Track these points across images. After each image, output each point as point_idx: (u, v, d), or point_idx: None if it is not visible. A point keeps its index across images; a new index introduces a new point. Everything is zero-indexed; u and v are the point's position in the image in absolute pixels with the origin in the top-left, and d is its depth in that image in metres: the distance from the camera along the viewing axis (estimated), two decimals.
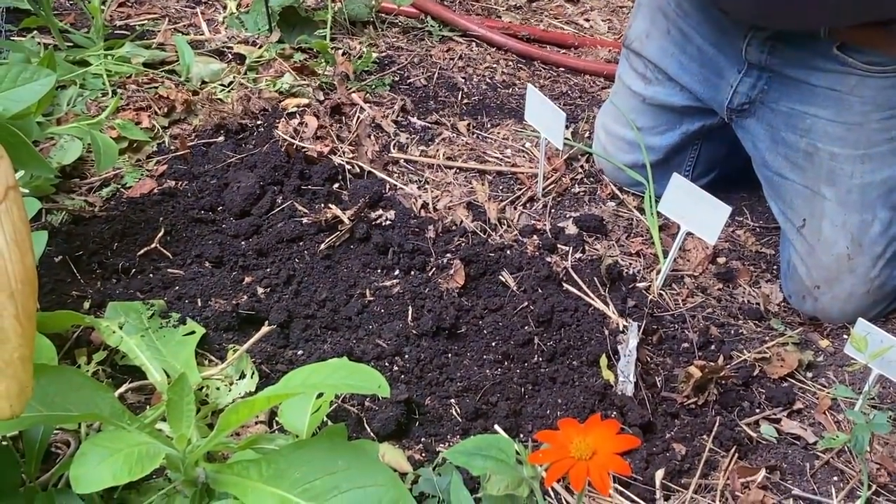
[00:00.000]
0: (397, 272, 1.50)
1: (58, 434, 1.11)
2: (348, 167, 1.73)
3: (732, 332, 1.50)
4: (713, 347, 1.45)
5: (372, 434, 1.21)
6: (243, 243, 1.52)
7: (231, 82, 1.98)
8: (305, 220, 1.56)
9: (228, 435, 1.07)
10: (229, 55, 2.09)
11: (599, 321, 1.42)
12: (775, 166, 1.57)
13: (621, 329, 1.40)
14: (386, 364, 1.32)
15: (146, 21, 2.22)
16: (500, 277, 1.51)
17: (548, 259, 1.57)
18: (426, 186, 1.74)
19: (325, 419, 1.19)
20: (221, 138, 1.78)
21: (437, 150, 1.86)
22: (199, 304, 1.38)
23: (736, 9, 1.50)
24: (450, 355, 1.36)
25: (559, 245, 1.62)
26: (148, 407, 1.19)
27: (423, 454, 1.20)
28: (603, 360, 1.33)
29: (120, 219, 1.53)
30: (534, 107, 1.68)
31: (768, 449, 1.31)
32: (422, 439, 1.22)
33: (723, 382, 1.36)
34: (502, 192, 1.77)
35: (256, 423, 1.20)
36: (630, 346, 1.35)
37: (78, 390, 0.98)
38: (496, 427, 1.23)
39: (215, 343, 1.33)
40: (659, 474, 1.20)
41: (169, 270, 1.45)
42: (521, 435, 1.24)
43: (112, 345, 1.22)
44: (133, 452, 0.91)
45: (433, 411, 1.26)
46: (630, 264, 1.62)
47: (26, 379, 0.80)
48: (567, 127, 1.89)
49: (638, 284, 1.55)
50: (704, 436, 1.29)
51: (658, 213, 1.60)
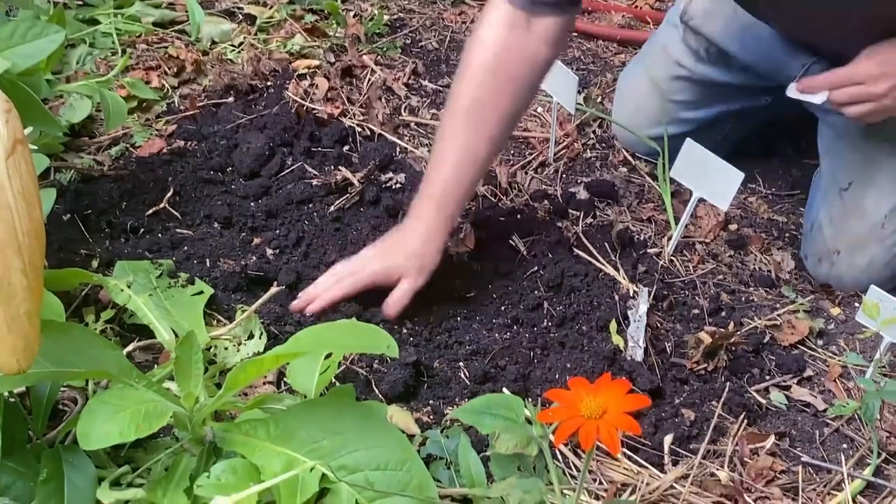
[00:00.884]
0: None
1: (65, 391, 1.11)
2: (359, 129, 1.72)
3: (743, 299, 1.49)
4: (724, 314, 1.44)
5: (380, 396, 1.21)
6: (252, 204, 1.51)
7: (241, 43, 1.96)
8: (315, 182, 1.55)
9: (236, 394, 1.07)
10: (240, 16, 2.07)
11: (610, 286, 1.41)
12: (840, 124, 1.53)
13: (631, 294, 1.39)
14: (395, 326, 1.31)
15: None
16: (511, 242, 1.50)
17: (558, 224, 1.56)
18: None
19: (334, 380, 1.19)
20: (231, 99, 1.76)
21: None
22: (208, 265, 1.37)
23: (780, 28, 1.49)
24: (459, 318, 1.36)
25: (570, 210, 1.61)
26: (156, 366, 1.18)
27: (431, 416, 1.20)
28: (613, 326, 1.33)
29: (129, 178, 1.52)
30: None
31: (778, 416, 1.31)
32: (430, 402, 1.22)
33: (733, 349, 1.35)
34: (513, 157, 1.75)
35: (264, 384, 1.20)
36: (640, 312, 1.34)
37: (86, 347, 0.98)
38: (504, 390, 1.22)
39: (224, 303, 1.32)
40: (667, 439, 1.19)
41: (177, 230, 1.44)
42: (530, 398, 1.24)
43: (120, 303, 1.22)
44: (140, 410, 0.91)
45: (441, 374, 1.26)
46: (641, 230, 1.61)
47: (33, 334, 0.79)
48: (579, 92, 1.86)
49: (649, 250, 1.54)
50: (714, 402, 1.28)
51: (670, 180, 1.59)
